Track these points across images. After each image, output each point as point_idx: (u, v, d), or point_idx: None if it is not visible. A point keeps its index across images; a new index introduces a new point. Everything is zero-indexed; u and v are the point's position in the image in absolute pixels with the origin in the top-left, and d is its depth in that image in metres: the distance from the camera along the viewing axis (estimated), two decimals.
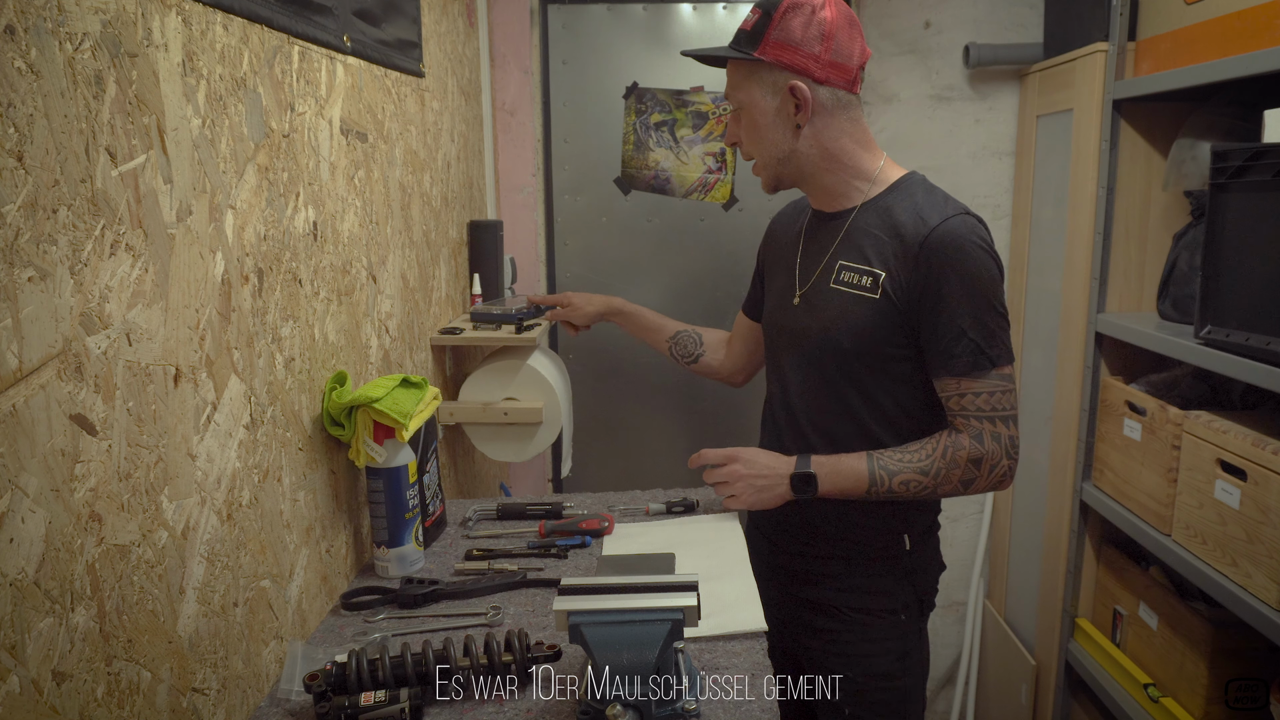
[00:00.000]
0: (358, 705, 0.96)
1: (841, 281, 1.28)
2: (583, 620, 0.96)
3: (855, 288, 1.27)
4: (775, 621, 1.35)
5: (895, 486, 1.25)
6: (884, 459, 1.25)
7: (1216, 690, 1.68)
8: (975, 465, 1.24)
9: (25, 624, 0.69)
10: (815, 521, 1.37)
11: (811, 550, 1.40)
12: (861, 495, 1.27)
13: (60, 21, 0.72)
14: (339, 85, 1.32)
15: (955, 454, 1.24)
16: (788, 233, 1.43)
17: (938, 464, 1.24)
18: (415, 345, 1.72)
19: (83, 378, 0.75)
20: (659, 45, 2.56)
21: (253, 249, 1.06)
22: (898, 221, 1.25)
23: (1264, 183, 1.48)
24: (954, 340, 1.22)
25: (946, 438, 1.25)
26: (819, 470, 1.27)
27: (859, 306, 1.26)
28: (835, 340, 1.28)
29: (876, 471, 1.25)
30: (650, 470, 2.75)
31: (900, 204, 1.27)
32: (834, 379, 1.31)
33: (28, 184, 0.69)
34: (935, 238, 1.21)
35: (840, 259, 1.29)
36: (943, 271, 1.21)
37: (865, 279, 1.26)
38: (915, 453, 1.25)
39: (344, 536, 1.34)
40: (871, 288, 1.25)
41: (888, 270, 1.24)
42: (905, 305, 1.24)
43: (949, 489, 1.26)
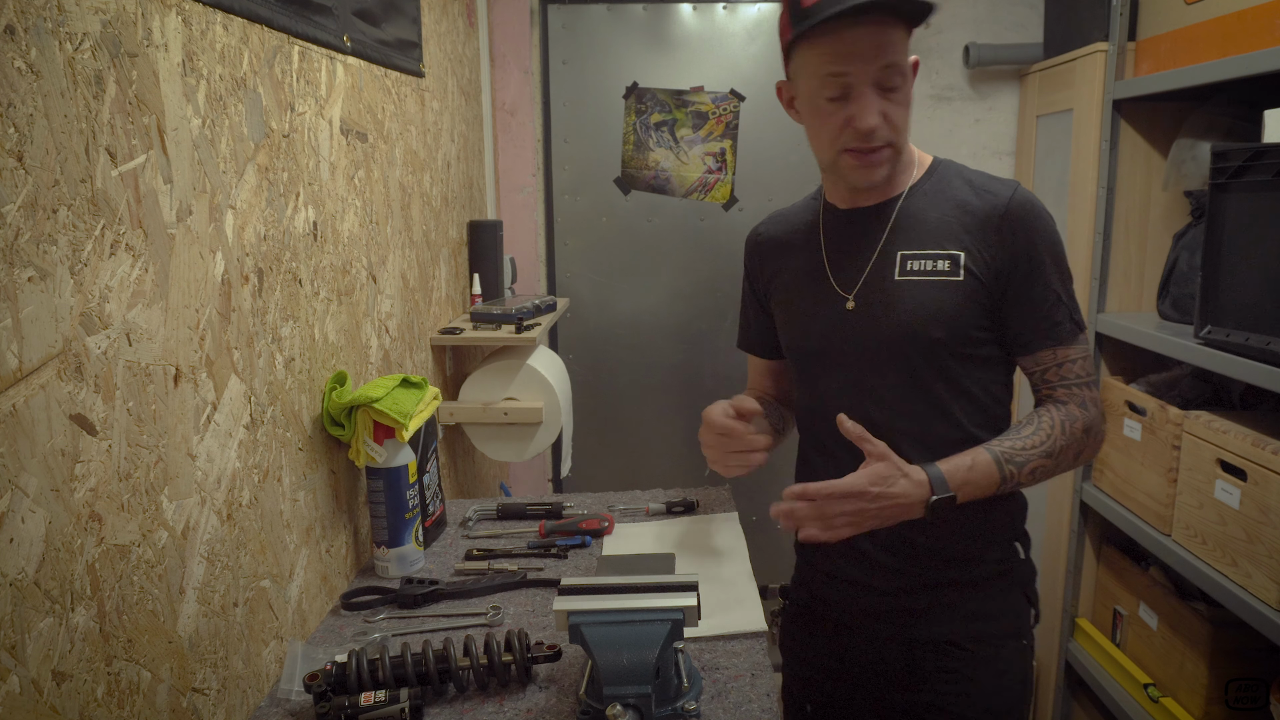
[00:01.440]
0: (358, 705, 0.95)
1: (911, 271, 1.16)
2: (583, 620, 0.96)
3: (931, 274, 1.15)
4: (874, 676, 1.24)
5: (1024, 478, 1.12)
6: (1007, 451, 1.12)
7: (1216, 690, 1.68)
8: (1087, 435, 1.16)
9: (25, 624, 0.69)
10: (917, 544, 1.19)
11: (916, 579, 1.20)
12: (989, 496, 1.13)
13: (60, 21, 0.72)
14: (339, 85, 1.32)
15: (1072, 427, 1.14)
16: (792, 243, 1.29)
17: (1059, 442, 1.13)
18: (415, 345, 1.72)
19: (83, 378, 0.75)
20: (659, 45, 2.56)
21: (253, 249, 1.06)
22: (960, 199, 1.17)
23: (1264, 183, 1.48)
24: (1053, 307, 1.15)
25: (1057, 412, 1.15)
26: (954, 485, 1.08)
27: (942, 292, 1.15)
28: (921, 333, 1.15)
29: (1005, 467, 1.11)
30: (650, 470, 2.75)
31: (951, 183, 1.19)
32: (922, 377, 1.17)
33: (28, 184, 0.69)
34: (1015, 206, 1.14)
35: (900, 249, 1.17)
36: (1030, 239, 1.14)
37: (942, 263, 1.15)
38: (1032, 435, 1.13)
39: (344, 536, 1.34)
40: (952, 270, 1.14)
41: (965, 249, 1.14)
42: (992, 281, 1.14)
43: (1065, 465, 1.16)
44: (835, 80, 1.07)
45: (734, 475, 1.25)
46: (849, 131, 1.09)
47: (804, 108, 1.14)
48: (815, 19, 1.03)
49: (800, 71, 1.11)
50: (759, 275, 1.34)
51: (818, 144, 1.15)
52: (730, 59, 2.56)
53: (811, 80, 1.09)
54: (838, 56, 1.06)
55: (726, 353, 2.68)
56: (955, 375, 1.17)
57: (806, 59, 1.09)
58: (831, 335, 1.21)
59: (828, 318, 1.21)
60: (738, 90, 2.57)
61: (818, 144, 1.15)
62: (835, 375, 1.22)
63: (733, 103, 2.57)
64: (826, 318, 1.21)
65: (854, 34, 1.04)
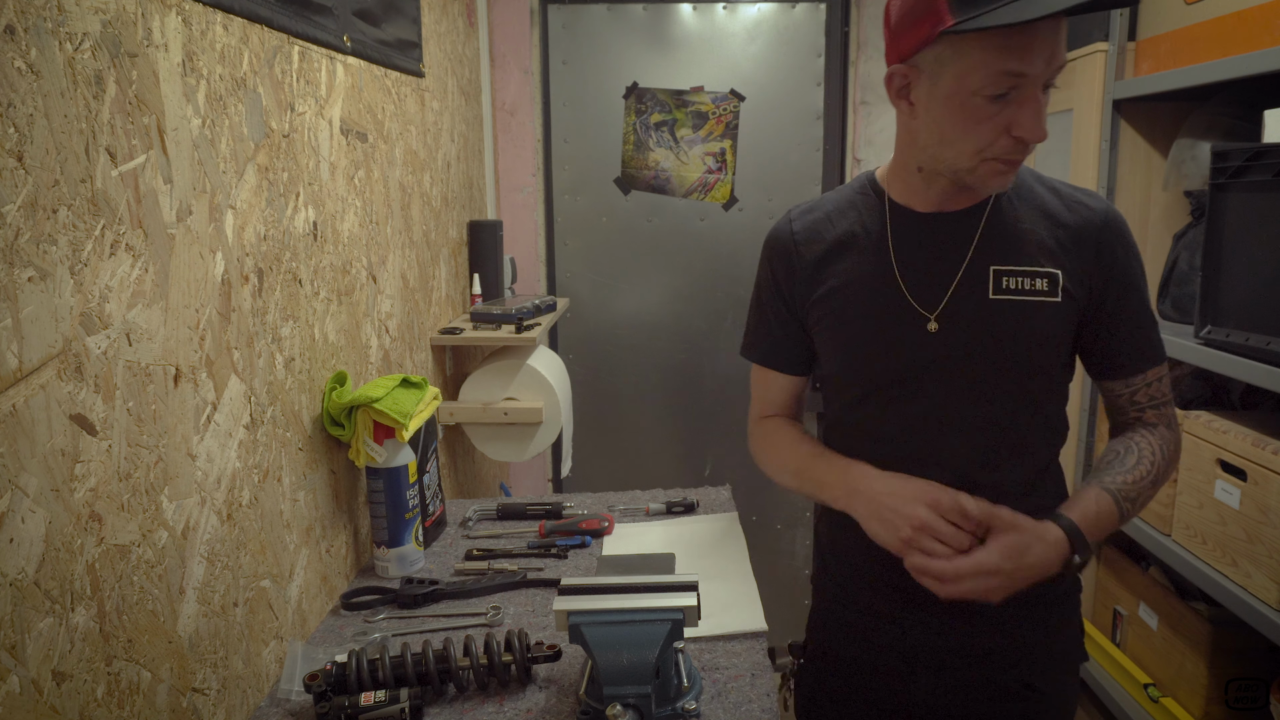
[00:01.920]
0: (358, 705, 0.95)
1: (1007, 290, 1.04)
2: (583, 620, 0.96)
3: (1030, 294, 1.03)
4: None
5: (1135, 512, 1.05)
6: (1122, 488, 1.03)
7: (1216, 690, 1.68)
8: (1177, 454, 1.09)
9: (25, 624, 0.69)
10: None
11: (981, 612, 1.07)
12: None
13: (60, 21, 0.72)
14: (339, 85, 1.32)
15: (1167, 451, 1.07)
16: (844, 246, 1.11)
17: (1160, 469, 1.06)
18: (415, 345, 1.72)
19: (83, 378, 0.75)
20: (659, 45, 2.56)
21: (253, 249, 1.06)
22: (1049, 209, 1.06)
23: (1264, 183, 1.48)
24: (1151, 327, 1.08)
25: (1153, 438, 1.07)
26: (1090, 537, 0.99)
27: (1040, 314, 1.03)
28: (1019, 360, 1.04)
29: (1123, 505, 1.02)
30: (650, 470, 2.75)
31: (1034, 190, 1.08)
32: (1009, 407, 1.06)
33: (28, 184, 0.69)
34: (1111, 221, 1.06)
35: (992, 263, 1.04)
36: (1127, 257, 1.06)
37: (1040, 281, 1.04)
38: (1136, 467, 1.05)
39: (344, 536, 1.34)
40: (1049, 290, 1.03)
41: (1062, 267, 1.04)
42: (1086, 302, 1.05)
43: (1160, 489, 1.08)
44: (1007, 79, 0.92)
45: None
46: (1006, 139, 0.95)
47: (943, 105, 0.96)
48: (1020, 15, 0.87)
49: (949, 63, 0.94)
50: (792, 280, 1.14)
51: (956, 147, 0.98)
52: (730, 59, 2.56)
53: (970, 75, 0.92)
54: (1018, 52, 0.91)
55: (726, 353, 2.69)
56: (1041, 403, 1.08)
57: (968, 50, 0.92)
58: (910, 361, 1.06)
59: (905, 340, 1.06)
60: (738, 90, 2.57)
61: (956, 147, 0.98)
62: (908, 405, 1.07)
63: (733, 103, 2.57)
64: (903, 340, 1.06)
65: (1039, 26, 0.90)
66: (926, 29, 0.93)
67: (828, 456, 1.12)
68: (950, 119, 0.96)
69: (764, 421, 1.25)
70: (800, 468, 1.15)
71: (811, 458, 1.14)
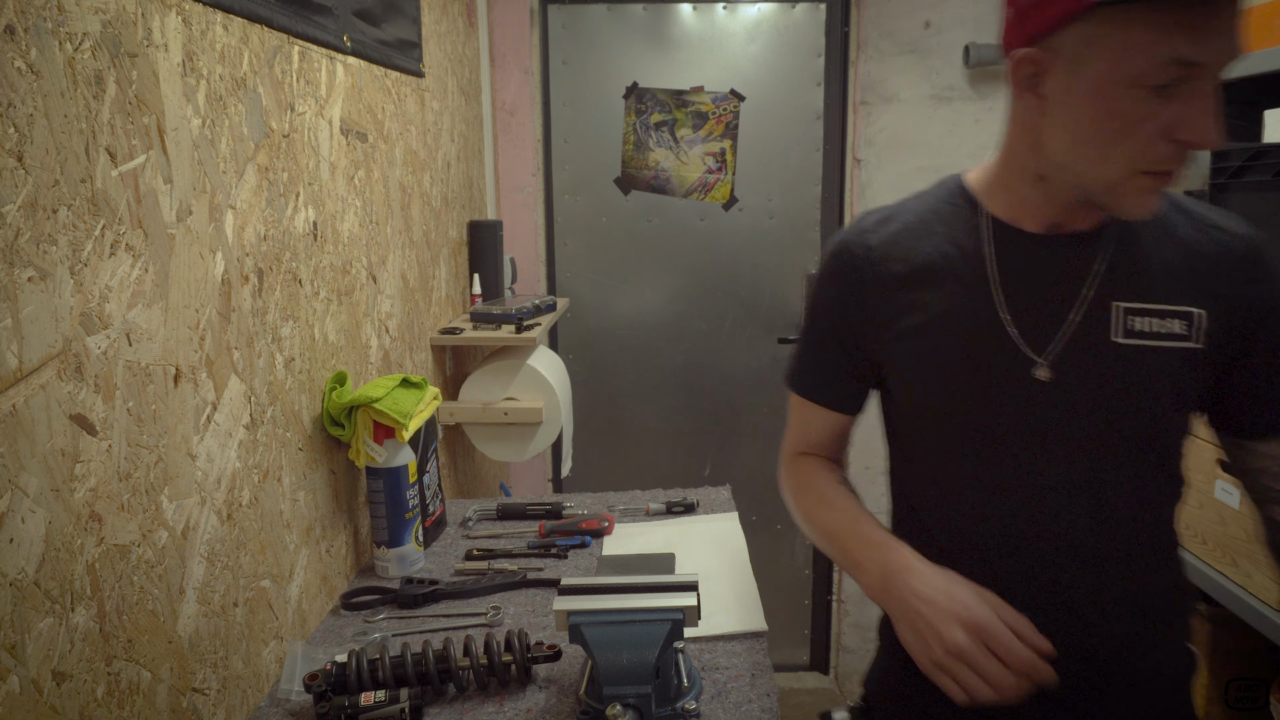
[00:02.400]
0: (358, 705, 0.95)
1: (1137, 333, 0.86)
2: (583, 620, 0.96)
3: (1164, 337, 0.86)
4: None
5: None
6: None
7: (1216, 690, 1.68)
8: None
9: (25, 624, 0.69)
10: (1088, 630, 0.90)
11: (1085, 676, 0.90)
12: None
13: (60, 21, 0.72)
14: (339, 85, 1.32)
15: None
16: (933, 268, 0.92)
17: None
18: (415, 345, 1.72)
19: (83, 378, 0.75)
20: (659, 45, 2.56)
21: (253, 249, 1.06)
22: (1183, 235, 0.88)
23: (1264, 183, 1.48)
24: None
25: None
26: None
27: (1175, 363, 0.86)
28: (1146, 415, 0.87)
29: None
30: (650, 470, 2.75)
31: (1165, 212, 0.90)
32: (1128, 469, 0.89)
33: (28, 184, 0.69)
34: (1255, 251, 0.88)
35: (1118, 299, 0.87)
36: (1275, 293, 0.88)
37: (1176, 323, 0.86)
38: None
39: (344, 536, 1.34)
40: (1186, 333, 0.86)
41: (1201, 306, 0.86)
42: (1229, 348, 0.88)
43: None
44: (1175, 67, 0.73)
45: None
46: (1165, 145, 0.76)
47: (1088, 99, 0.77)
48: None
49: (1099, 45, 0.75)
50: (864, 307, 0.96)
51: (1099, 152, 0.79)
52: (730, 59, 2.56)
53: (1129, 60, 0.74)
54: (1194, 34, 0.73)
55: (727, 353, 2.69)
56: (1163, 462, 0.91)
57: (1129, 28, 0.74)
58: (1009, 415, 0.89)
59: (1005, 388, 0.89)
60: (738, 90, 2.57)
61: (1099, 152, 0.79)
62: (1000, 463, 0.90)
63: (733, 103, 2.57)
64: (1003, 389, 0.89)
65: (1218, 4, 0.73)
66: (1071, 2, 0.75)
67: (866, 527, 0.94)
68: (1096, 116, 0.78)
69: (800, 460, 1.08)
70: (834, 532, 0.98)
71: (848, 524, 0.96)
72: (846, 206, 2.61)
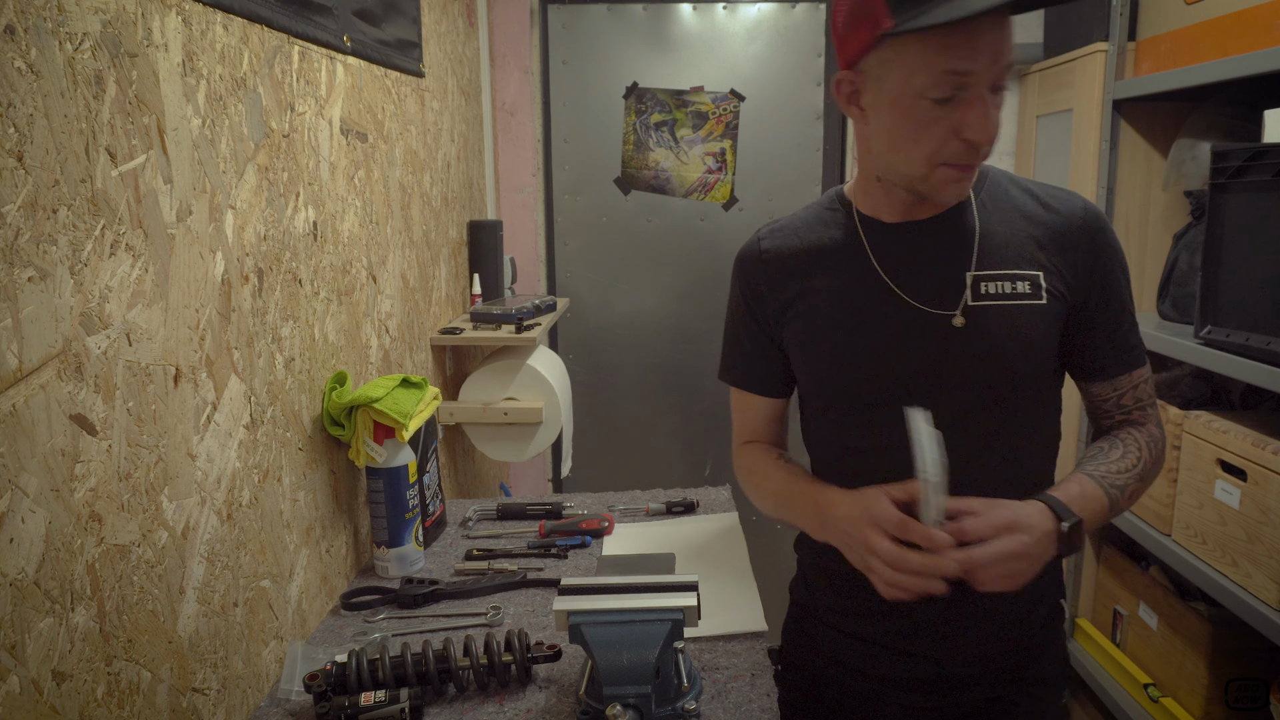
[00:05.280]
0: (358, 705, 0.95)
1: (986, 295, 1.01)
2: (583, 620, 0.96)
3: (1012, 298, 1.00)
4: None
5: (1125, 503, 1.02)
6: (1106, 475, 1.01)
7: (1216, 690, 1.68)
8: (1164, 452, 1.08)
9: (25, 624, 0.69)
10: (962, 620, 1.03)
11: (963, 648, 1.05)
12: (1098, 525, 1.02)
13: (60, 21, 0.72)
14: (339, 85, 1.32)
15: (1154, 448, 1.05)
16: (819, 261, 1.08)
17: (1147, 464, 1.04)
18: (415, 345, 1.72)
19: (83, 378, 0.75)
20: (659, 45, 2.56)
21: (253, 249, 1.06)
22: (1026, 211, 1.03)
23: (1264, 183, 1.48)
24: (1131, 329, 1.05)
25: (1139, 434, 1.05)
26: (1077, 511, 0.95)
27: (1026, 318, 1.00)
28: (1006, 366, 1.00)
29: (1110, 491, 0.99)
30: (650, 470, 2.75)
31: (1009, 192, 1.05)
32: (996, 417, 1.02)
33: (28, 184, 0.69)
34: (1091, 219, 1.02)
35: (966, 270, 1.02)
36: (1109, 256, 1.03)
37: (1021, 284, 1.01)
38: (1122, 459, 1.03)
39: (344, 536, 1.34)
40: (1033, 293, 1.00)
41: (1043, 268, 1.01)
42: (1070, 304, 1.02)
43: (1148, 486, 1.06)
44: (951, 80, 0.88)
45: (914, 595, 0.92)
46: (955, 143, 0.92)
47: (890, 109, 0.93)
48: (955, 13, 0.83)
49: (892, 66, 0.91)
50: (765, 299, 1.10)
51: (905, 153, 0.95)
52: (730, 59, 2.56)
53: (914, 77, 0.89)
54: (960, 51, 0.87)
55: None
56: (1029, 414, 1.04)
57: (910, 51, 0.89)
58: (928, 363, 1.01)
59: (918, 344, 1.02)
60: (738, 90, 2.57)
61: (905, 153, 0.95)
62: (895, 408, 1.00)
63: (733, 103, 2.57)
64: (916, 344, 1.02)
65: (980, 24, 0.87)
66: (868, 33, 0.90)
67: (801, 483, 1.08)
68: (897, 123, 0.93)
69: (745, 449, 1.20)
70: (779, 496, 1.10)
71: (787, 485, 1.09)
72: None
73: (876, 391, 1.03)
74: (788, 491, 1.09)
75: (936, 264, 1.02)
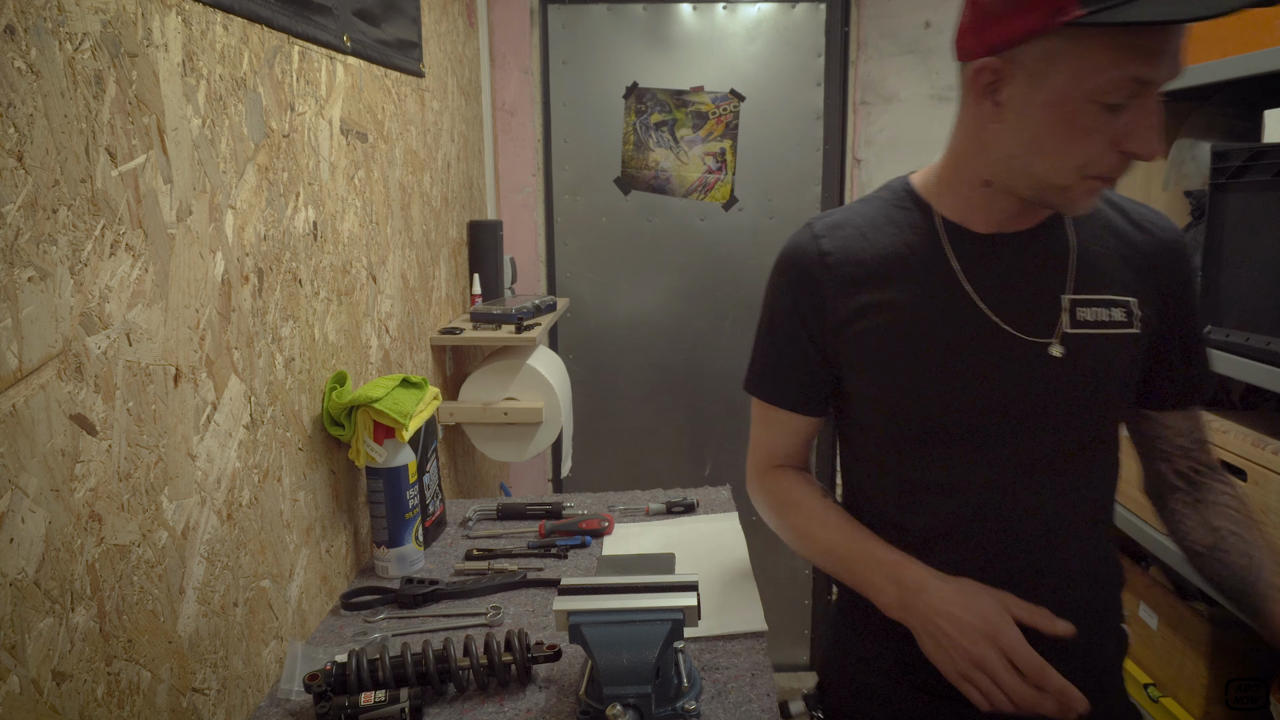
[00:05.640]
0: (358, 705, 0.95)
1: (1084, 323, 0.91)
2: (583, 620, 0.96)
3: (1109, 326, 0.91)
4: None
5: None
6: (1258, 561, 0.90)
7: (1216, 690, 1.68)
8: None
9: (25, 624, 0.69)
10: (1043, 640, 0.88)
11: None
12: None
13: (60, 21, 0.72)
14: (339, 85, 1.32)
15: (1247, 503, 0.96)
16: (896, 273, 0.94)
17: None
18: (415, 345, 1.72)
19: (83, 378, 0.75)
20: (659, 45, 2.56)
21: (253, 249, 1.06)
22: (1115, 227, 0.95)
23: (1264, 183, 1.48)
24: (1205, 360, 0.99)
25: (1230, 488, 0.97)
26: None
27: (1123, 349, 0.92)
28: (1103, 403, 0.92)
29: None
30: (650, 470, 2.75)
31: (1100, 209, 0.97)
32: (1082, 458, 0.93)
33: (28, 184, 0.69)
34: (1180, 244, 0.95)
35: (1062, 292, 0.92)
36: (1189, 280, 0.96)
37: (1117, 311, 0.91)
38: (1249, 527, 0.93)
39: (344, 536, 1.34)
40: (1127, 320, 0.92)
41: (1136, 293, 0.93)
42: (1155, 334, 0.95)
43: None
44: (1131, 86, 0.78)
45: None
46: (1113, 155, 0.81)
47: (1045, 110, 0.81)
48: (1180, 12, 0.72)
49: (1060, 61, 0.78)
50: (823, 309, 0.97)
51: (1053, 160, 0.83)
52: (730, 59, 2.56)
53: (1088, 78, 0.78)
54: (1151, 56, 0.77)
55: (726, 353, 2.69)
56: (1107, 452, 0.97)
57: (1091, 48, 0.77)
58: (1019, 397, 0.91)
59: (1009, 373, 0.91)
60: (738, 90, 2.57)
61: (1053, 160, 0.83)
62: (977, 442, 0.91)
63: (733, 103, 2.57)
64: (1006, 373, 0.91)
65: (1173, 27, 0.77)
66: (1038, 19, 0.77)
67: (872, 546, 0.95)
68: (1053, 127, 0.81)
69: (774, 474, 1.08)
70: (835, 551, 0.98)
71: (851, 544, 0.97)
72: None
73: (955, 424, 0.92)
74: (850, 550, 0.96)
75: (1030, 283, 0.92)
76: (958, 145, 0.93)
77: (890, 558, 0.93)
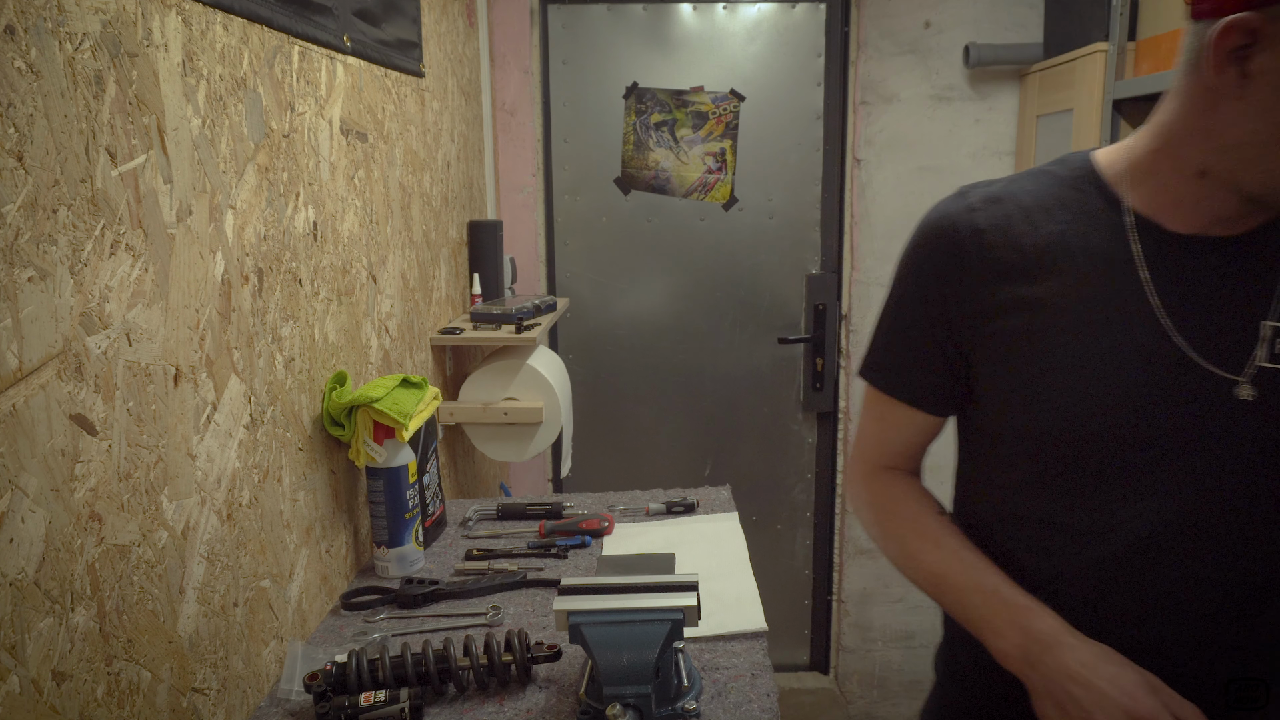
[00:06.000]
0: (358, 705, 0.95)
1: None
2: (583, 620, 0.96)
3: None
4: None
5: None
6: None
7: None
8: None
9: (25, 624, 0.69)
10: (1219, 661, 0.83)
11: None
12: None
13: (60, 21, 0.72)
14: (339, 85, 1.32)
15: None
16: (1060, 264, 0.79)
17: None
18: (415, 345, 1.72)
19: (83, 378, 0.75)
20: (659, 45, 2.56)
21: (253, 249, 1.06)
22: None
23: None
24: None
25: None
26: None
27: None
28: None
29: None
30: (650, 470, 2.75)
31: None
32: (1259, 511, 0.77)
33: (28, 184, 0.69)
34: None
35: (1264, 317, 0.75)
36: None
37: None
38: None
39: (344, 536, 1.34)
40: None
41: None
42: None
43: None
44: None
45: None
46: None
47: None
48: None
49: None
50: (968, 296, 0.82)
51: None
52: (730, 59, 2.56)
53: None
54: None
55: (727, 353, 2.69)
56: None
57: None
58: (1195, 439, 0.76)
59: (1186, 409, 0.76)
60: (738, 90, 2.57)
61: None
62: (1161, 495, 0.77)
63: (733, 103, 2.57)
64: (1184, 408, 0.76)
65: None
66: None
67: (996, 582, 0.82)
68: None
69: (883, 477, 0.95)
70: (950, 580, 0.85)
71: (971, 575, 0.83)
72: (846, 206, 2.61)
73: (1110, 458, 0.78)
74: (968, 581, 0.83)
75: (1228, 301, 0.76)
76: (1172, 124, 0.75)
77: (1020, 600, 0.80)
